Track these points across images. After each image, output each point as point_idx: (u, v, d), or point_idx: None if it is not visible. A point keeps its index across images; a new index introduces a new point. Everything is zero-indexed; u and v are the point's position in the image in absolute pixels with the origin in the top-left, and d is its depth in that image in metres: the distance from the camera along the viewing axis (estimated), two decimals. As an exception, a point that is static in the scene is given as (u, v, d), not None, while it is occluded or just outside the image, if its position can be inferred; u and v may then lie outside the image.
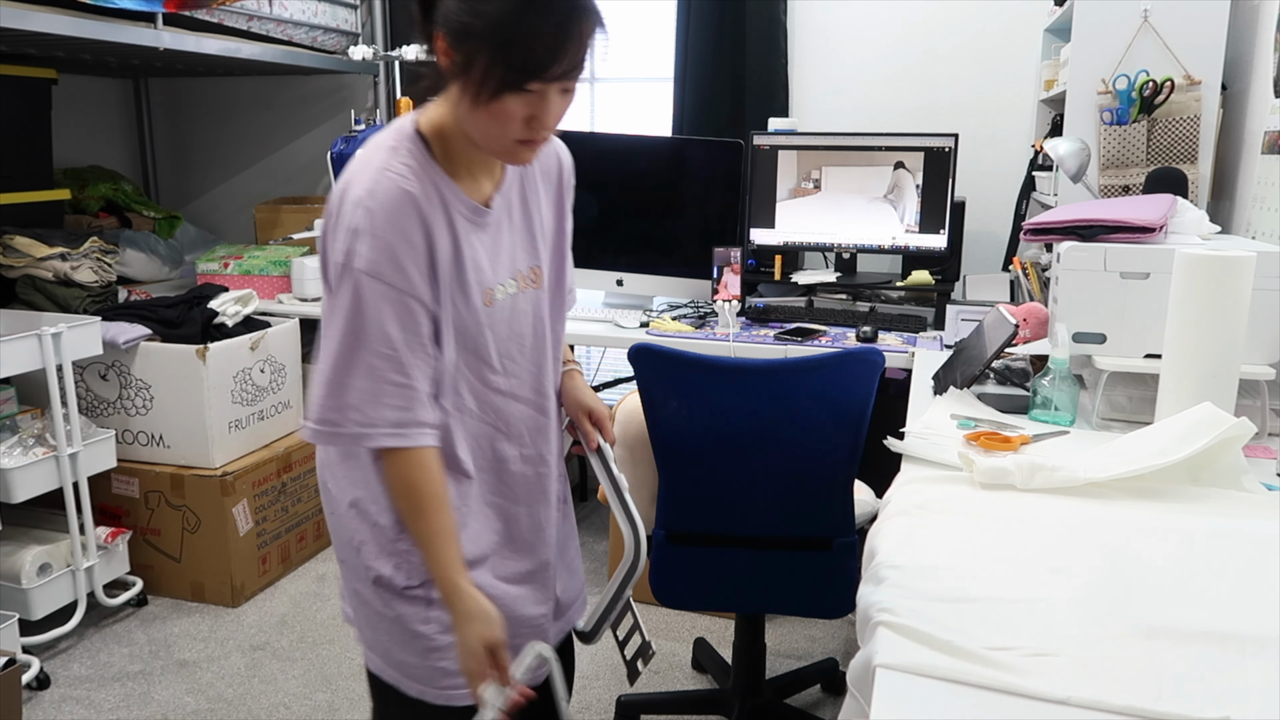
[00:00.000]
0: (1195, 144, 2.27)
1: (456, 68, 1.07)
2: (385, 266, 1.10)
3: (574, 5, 1.06)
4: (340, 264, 1.11)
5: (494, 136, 1.12)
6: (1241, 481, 1.34)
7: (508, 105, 1.08)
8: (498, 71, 1.05)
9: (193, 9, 2.73)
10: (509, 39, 1.04)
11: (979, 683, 0.86)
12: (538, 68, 1.06)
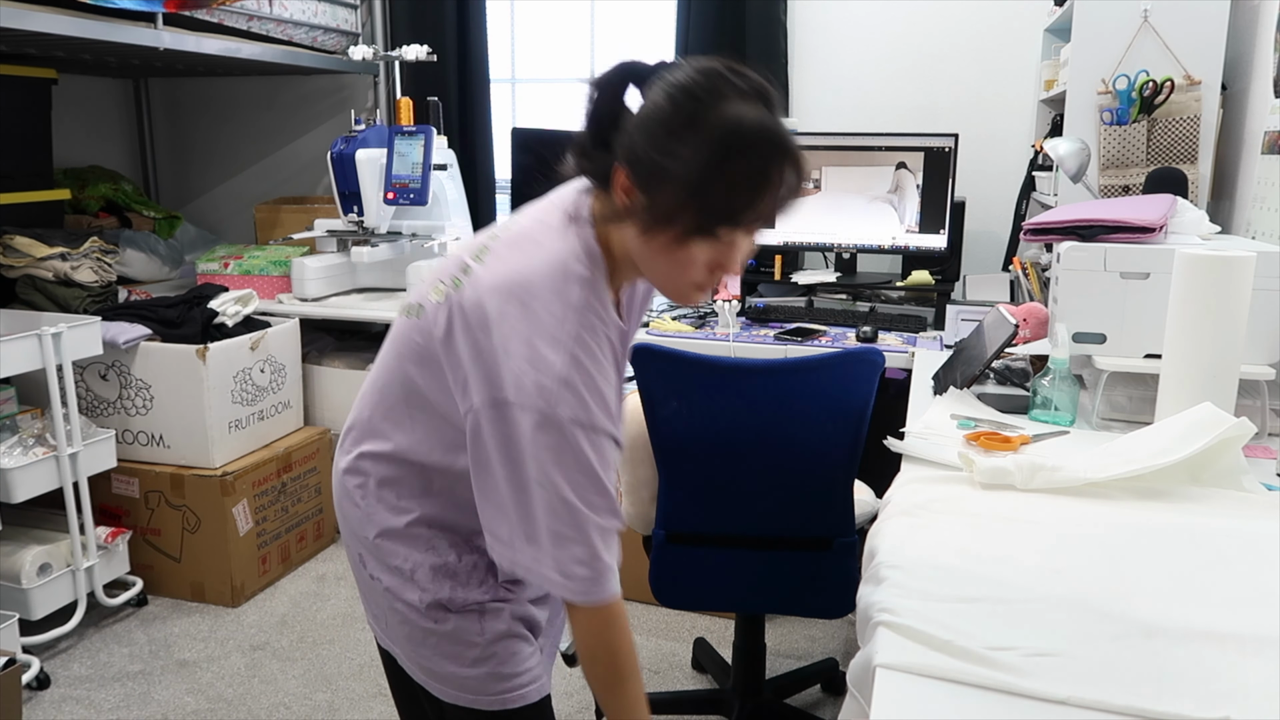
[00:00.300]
0: (1195, 144, 2.27)
1: (639, 207, 1.00)
2: (597, 414, 1.02)
3: (775, 149, 0.97)
4: (543, 412, 1.00)
5: (670, 278, 1.05)
6: (1241, 481, 1.34)
7: (693, 252, 1.01)
8: (688, 218, 0.98)
9: (193, 9, 2.73)
10: (705, 187, 0.96)
11: (979, 683, 0.86)
12: (732, 216, 0.99)
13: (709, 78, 0.98)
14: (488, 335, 1.02)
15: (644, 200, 0.99)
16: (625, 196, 1.01)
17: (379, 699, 2.33)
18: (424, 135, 2.98)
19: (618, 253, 1.09)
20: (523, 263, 1.05)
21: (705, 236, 1.00)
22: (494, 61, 3.58)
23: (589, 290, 1.04)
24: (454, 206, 3.24)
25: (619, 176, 1.01)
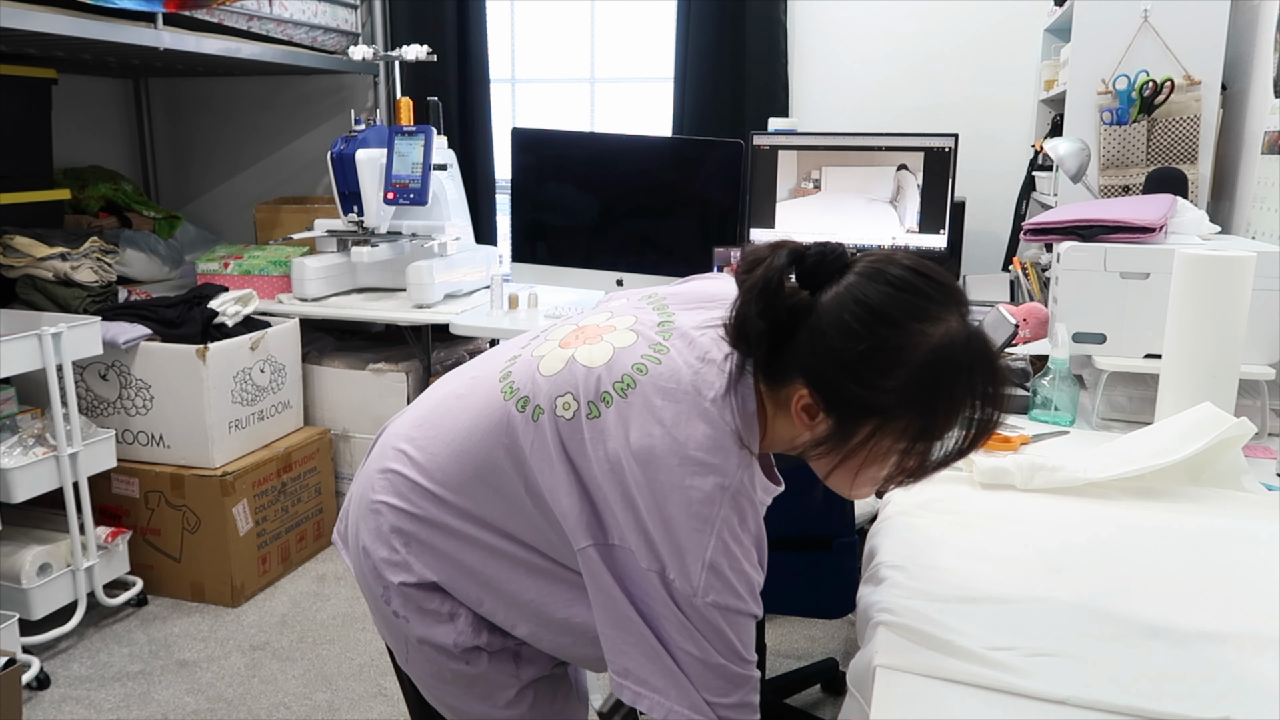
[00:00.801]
0: (1195, 144, 2.27)
1: (825, 429, 0.93)
2: (750, 599, 0.97)
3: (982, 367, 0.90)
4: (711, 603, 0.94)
5: (845, 486, 0.99)
6: (1241, 481, 1.34)
7: (881, 469, 0.95)
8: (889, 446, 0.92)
9: (193, 9, 2.73)
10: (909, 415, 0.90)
11: (979, 683, 0.86)
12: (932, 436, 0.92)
13: (904, 296, 0.90)
14: (635, 494, 0.95)
15: (834, 426, 0.93)
16: (806, 415, 0.94)
17: (379, 699, 2.33)
18: (424, 135, 2.99)
19: (773, 435, 1.00)
20: (678, 426, 0.95)
21: (903, 458, 0.93)
22: (494, 61, 3.59)
23: (744, 470, 0.96)
24: (454, 206, 3.24)
25: (800, 393, 0.93)
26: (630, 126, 3.59)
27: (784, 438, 1.00)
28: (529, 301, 3.01)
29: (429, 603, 1.09)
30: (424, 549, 1.08)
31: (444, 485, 1.06)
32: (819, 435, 0.93)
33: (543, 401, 1.01)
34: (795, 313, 0.92)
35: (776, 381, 0.96)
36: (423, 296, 3.01)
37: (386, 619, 1.14)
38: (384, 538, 1.10)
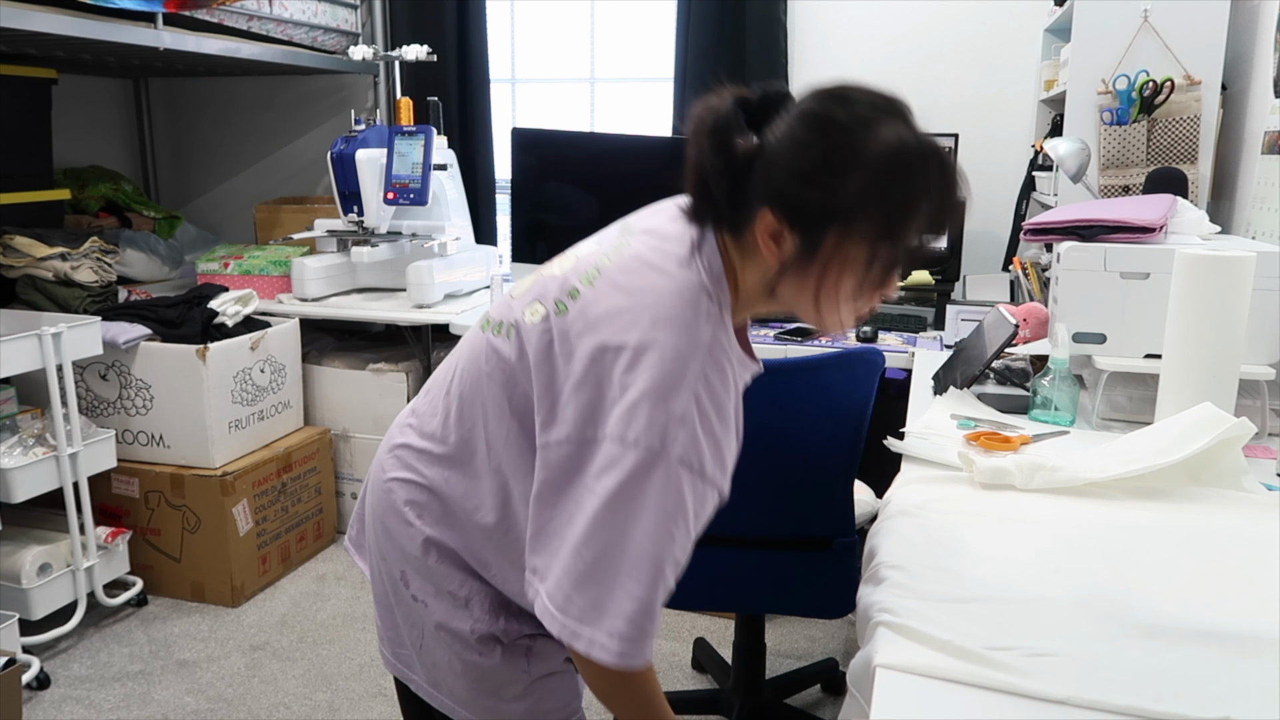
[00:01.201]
0: (1195, 144, 2.27)
1: (794, 248, 0.94)
2: (709, 461, 0.95)
3: (933, 162, 0.93)
4: (652, 448, 0.92)
5: (825, 313, 0.99)
6: (1241, 481, 1.34)
7: (855, 282, 0.96)
8: (860, 250, 0.93)
9: (193, 9, 2.73)
10: (873, 216, 0.92)
11: (979, 683, 0.86)
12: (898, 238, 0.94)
13: (851, 107, 0.93)
14: (597, 367, 0.95)
15: (800, 241, 0.94)
16: (772, 240, 0.95)
17: (379, 699, 2.33)
18: (424, 135, 2.99)
19: (745, 287, 1.01)
20: (643, 292, 0.97)
21: (869, 266, 0.94)
22: (494, 61, 3.59)
23: (718, 327, 0.97)
24: (454, 206, 3.24)
25: (763, 220, 0.94)
26: (630, 126, 3.59)
27: (755, 289, 1.01)
28: (529, 301, 3.01)
29: (447, 582, 1.11)
30: (436, 515, 1.10)
31: (443, 441, 1.10)
32: (788, 257, 0.95)
33: (516, 317, 1.04)
34: (749, 155, 0.95)
35: (739, 227, 0.98)
36: (423, 296, 3.01)
37: (405, 607, 1.15)
38: (399, 513, 1.12)
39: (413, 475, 1.12)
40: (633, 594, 0.92)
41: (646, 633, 0.94)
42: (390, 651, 1.23)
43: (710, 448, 0.95)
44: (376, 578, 1.21)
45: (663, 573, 0.94)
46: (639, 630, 0.93)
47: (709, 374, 0.95)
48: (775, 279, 0.98)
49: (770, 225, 0.94)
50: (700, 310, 0.96)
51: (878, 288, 0.97)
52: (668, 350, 0.93)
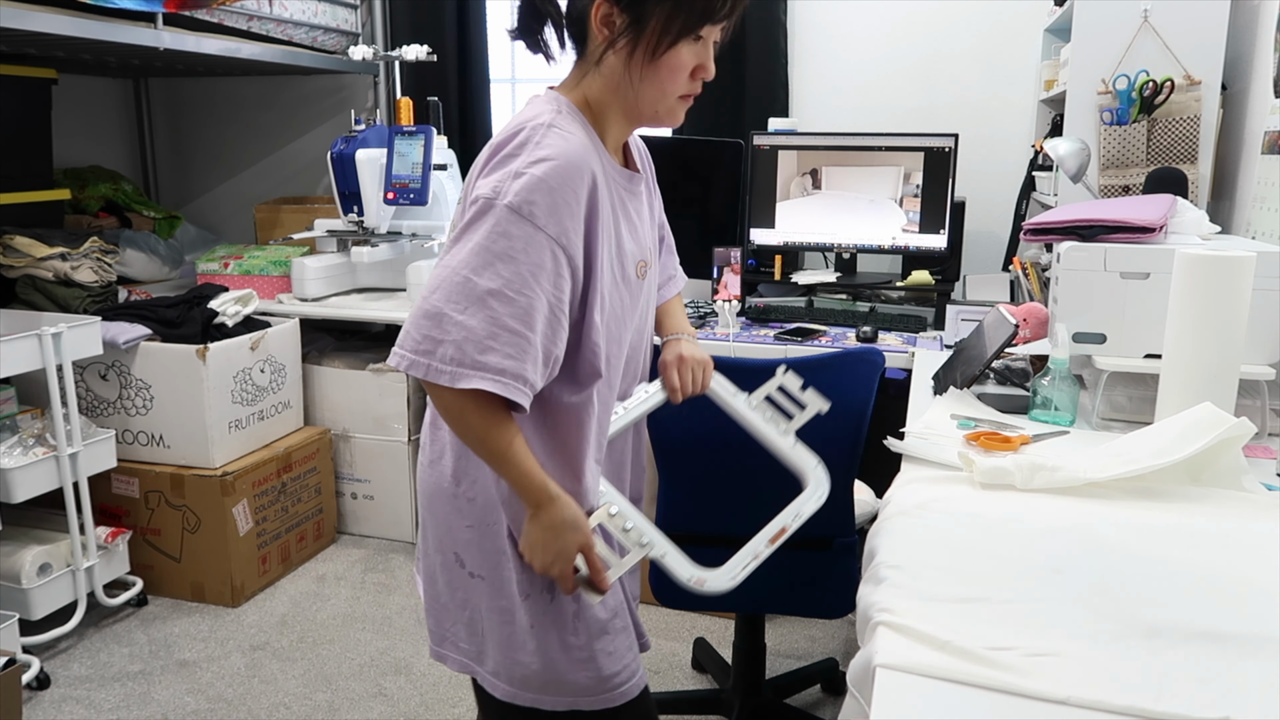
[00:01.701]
0: (1195, 144, 2.27)
1: (624, 29, 1.10)
2: (540, 210, 1.05)
3: None
4: (486, 198, 1.06)
5: (660, 95, 1.14)
6: (1241, 481, 1.34)
7: (681, 56, 1.12)
8: (677, 21, 1.09)
9: (193, 9, 2.73)
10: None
11: (979, 683, 0.86)
12: (713, 10, 1.10)
13: None
14: (471, 175, 1.14)
15: (627, 20, 1.10)
16: (606, 28, 1.12)
17: (379, 699, 2.33)
18: (424, 135, 2.99)
19: (599, 107, 1.17)
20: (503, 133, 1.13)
21: (690, 38, 1.11)
22: (494, 61, 3.59)
23: (558, 116, 1.12)
24: (454, 207, 3.24)
25: (597, 10, 1.11)
26: (630, 126, 3.58)
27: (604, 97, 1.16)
28: (529, 301, 3.01)
29: (496, 540, 1.20)
30: (477, 468, 1.20)
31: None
32: (620, 37, 1.11)
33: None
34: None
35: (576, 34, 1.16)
36: (423, 296, 3.00)
37: (463, 592, 1.24)
38: (443, 493, 1.23)
39: (431, 447, 1.25)
40: (458, 321, 1.03)
41: (477, 361, 1.03)
42: (456, 651, 1.28)
43: (544, 198, 1.05)
44: (430, 577, 1.28)
45: (485, 303, 1.03)
46: (464, 354, 1.03)
47: (547, 141, 1.08)
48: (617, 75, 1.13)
49: (602, 11, 1.11)
50: (545, 113, 1.12)
51: (702, 63, 1.15)
52: (508, 135, 1.11)
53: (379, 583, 2.93)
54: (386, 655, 2.52)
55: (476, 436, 1.10)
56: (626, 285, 1.18)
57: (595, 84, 1.16)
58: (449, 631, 1.29)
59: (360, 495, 3.22)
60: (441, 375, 1.03)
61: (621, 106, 1.17)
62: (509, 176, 1.06)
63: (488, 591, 1.22)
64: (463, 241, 1.06)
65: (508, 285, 1.04)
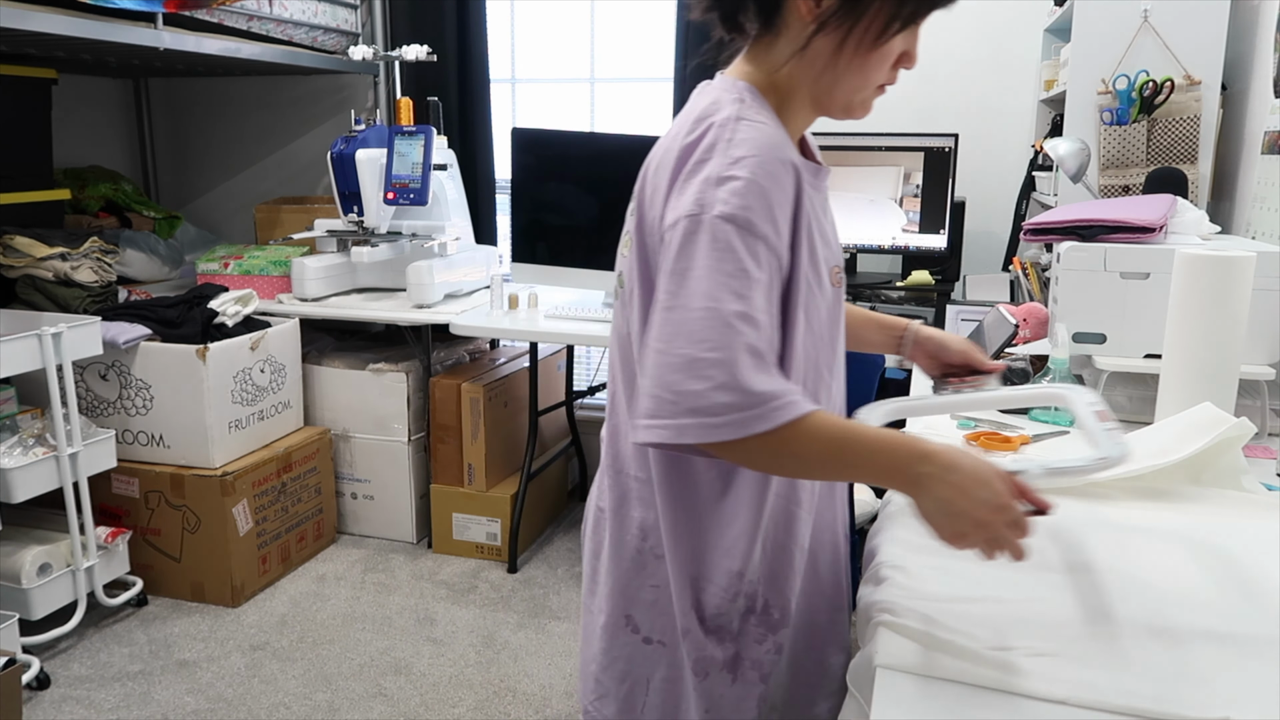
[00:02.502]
0: (1195, 144, 2.27)
1: (836, 7, 0.94)
2: (757, 215, 0.89)
3: None
4: (691, 215, 0.89)
5: (861, 84, 1.00)
6: (1241, 482, 1.33)
7: (890, 46, 0.97)
8: (906, 4, 0.94)
9: (193, 9, 2.73)
10: None
11: (979, 683, 0.86)
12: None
13: None
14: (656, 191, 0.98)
15: (839, 3, 0.94)
16: (813, 7, 0.95)
17: (379, 699, 2.33)
18: (424, 135, 2.99)
19: (786, 92, 1.03)
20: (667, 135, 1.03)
21: (909, 25, 0.96)
22: (494, 61, 3.59)
23: (743, 106, 0.97)
24: (454, 206, 3.24)
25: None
26: (630, 126, 3.59)
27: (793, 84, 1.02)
28: (529, 301, 3.01)
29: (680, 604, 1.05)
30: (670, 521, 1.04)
31: None
32: (827, 12, 0.95)
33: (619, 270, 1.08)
34: None
35: (769, 6, 1.00)
36: (423, 296, 3.01)
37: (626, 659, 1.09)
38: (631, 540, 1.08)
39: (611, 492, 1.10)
40: (712, 359, 0.85)
41: (750, 391, 0.84)
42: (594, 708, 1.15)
43: (761, 202, 0.90)
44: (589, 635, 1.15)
45: (733, 327, 0.85)
46: (740, 393, 0.84)
47: (740, 135, 0.93)
48: (814, 62, 0.98)
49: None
50: (727, 102, 0.98)
51: (907, 52, 1.00)
52: (691, 138, 0.96)
53: (379, 583, 2.93)
54: (386, 655, 2.52)
55: (812, 461, 0.90)
56: (823, 295, 1.01)
57: (784, 66, 1.01)
58: (592, 706, 1.14)
59: (360, 495, 3.22)
60: (726, 429, 0.84)
61: (812, 93, 1.02)
62: (709, 185, 0.90)
63: (666, 660, 1.06)
64: (683, 272, 0.88)
65: (751, 306, 0.87)
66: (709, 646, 1.04)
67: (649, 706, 1.08)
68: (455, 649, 2.56)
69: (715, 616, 1.04)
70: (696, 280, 0.87)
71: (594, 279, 3.01)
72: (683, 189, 0.92)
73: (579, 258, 3.01)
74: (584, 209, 2.99)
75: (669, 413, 0.85)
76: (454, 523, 3.10)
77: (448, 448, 3.08)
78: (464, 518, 3.09)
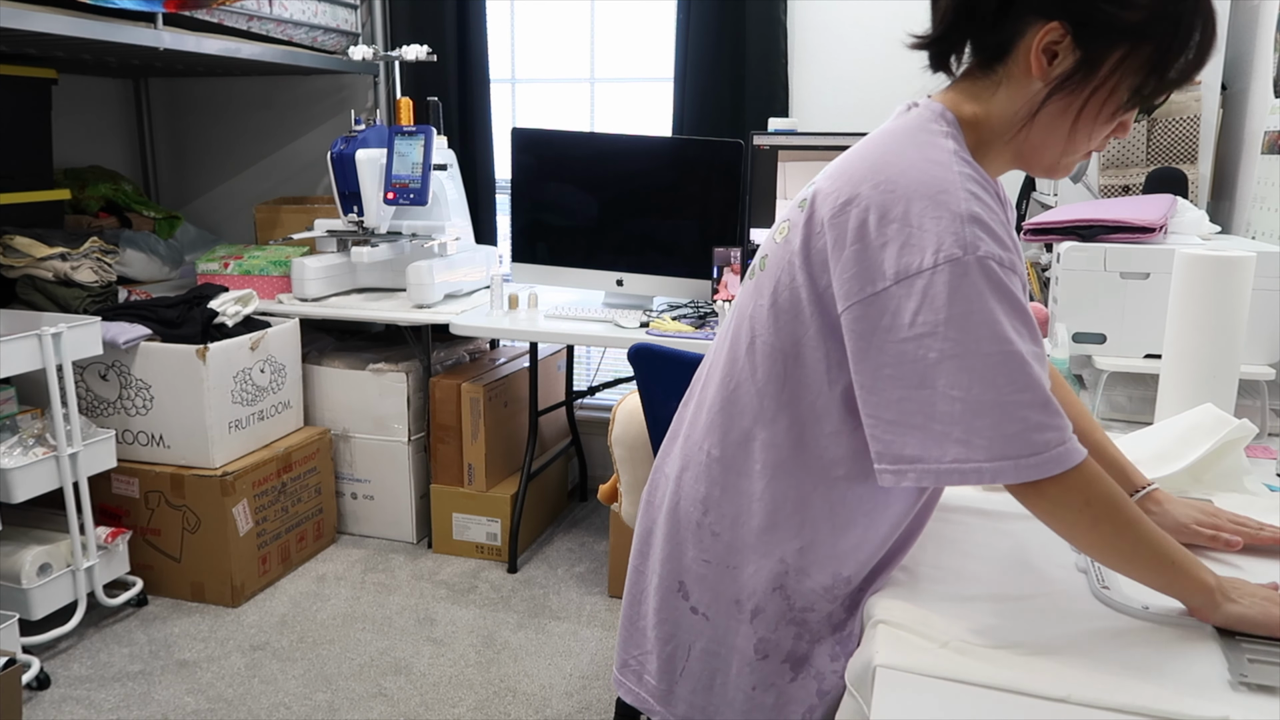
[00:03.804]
0: (1195, 144, 2.27)
1: (1070, 70, 0.91)
2: (1011, 253, 0.89)
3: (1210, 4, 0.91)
4: (956, 258, 0.85)
5: (1069, 150, 0.96)
6: (1244, 483, 1.33)
7: (1114, 113, 0.93)
8: (1145, 79, 0.91)
9: (193, 9, 2.73)
10: (1157, 40, 0.89)
11: (979, 682, 0.86)
12: (1196, 69, 0.91)
13: None
14: (844, 221, 0.91)
15: (1080, 57, 0.90)
16: (1045, 57, 0.91)
17: (379, 699, 2.33)
18: (424, 135, 2.99)
19: (988, 138, 0.98)
20: (867, 147, 0.95)
21: (1146, 102, 0.93)
22: (494, 61, 3.59)
23: (959, 145, 0.94)
24: (454, 206, 3.24)
25: (1042, 35, 0.90)
26: (630, 126, 3.59)
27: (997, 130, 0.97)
28: (529, 301, 3.01)
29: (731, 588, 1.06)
30: (731, 502, 1.05)
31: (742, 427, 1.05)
32: (1060, 74, 0.91)
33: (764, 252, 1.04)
34: None
35: (996, 50, 0.94)
36: (423, 296, 3.01)
37: (672, 625, 1.10)
38: (692, 512, 1.08)
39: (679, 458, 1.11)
40: (1019, 400, 0.85)
41: (1054, 425, 0.86)
42: (638, 684, 1.15)
43: (1009, 241, 0.90)
44: (637, 596, 1.16)
45: (1025, 363, 0.85)
46: (1045, 429, 0.85)
47: (970, 177, 0.90)
48: (1032, 107, 0.94)
49: (1051, 38, 0.90)
50: (933, 131, 0.94)
51: (1122, 122, 0.95)
52: (914, 168, 0.90)
53: (379, 583, 2.93)
54: (386, 655, 2.52)
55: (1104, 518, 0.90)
56: None
57: (992, 112, 0.97)
58: (635, 660, 1.15)
59: (360, 495, 3.22)
60: (1049, 465, 0.85)
61: (1014, 146, 0.98)
62: (961, 221, 0.86)
63: (709, 633, 1.08)
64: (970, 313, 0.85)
65: (1033, 339, 0.88)
66: (782, 630, 1.04)
67: (687, 672, 1.09)
68: (455, 649, 2.56)
69: (803, 610, 1.04)
70: (983, 324, 0.85)
71: (594, 279, 3.01)
72: (888, 222, 0.88)
73: (579, 258, 3.01)
74: (584, 209, 3.00)
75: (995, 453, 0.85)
76: (454, 523, 3.10)
77: (448, 448, 3.08)
78: (464, 518, 3.09)
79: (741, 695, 1.06)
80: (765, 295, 1.00)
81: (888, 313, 0.88)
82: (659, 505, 1.13)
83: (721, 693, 1.08)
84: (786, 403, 1.00)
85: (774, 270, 1.00)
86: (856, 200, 0.91)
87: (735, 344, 1.05)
